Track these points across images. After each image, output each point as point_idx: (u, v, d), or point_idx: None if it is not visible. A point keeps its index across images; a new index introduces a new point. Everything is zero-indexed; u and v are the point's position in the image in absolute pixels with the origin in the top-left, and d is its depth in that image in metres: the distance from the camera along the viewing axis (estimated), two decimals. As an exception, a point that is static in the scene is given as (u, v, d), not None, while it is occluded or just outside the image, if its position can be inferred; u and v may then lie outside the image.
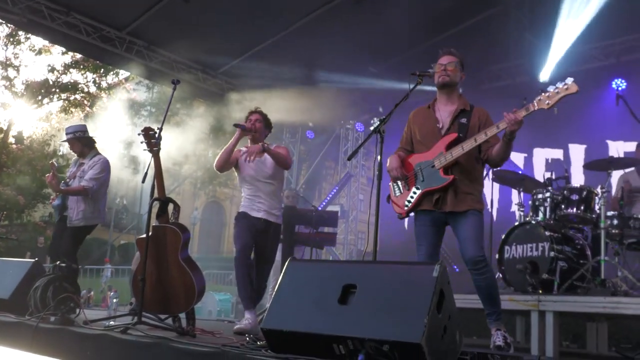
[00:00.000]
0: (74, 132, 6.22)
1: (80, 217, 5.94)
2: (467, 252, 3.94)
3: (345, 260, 10.01)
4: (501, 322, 4.00)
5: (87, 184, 5.92)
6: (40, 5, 8.88)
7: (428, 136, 4.19)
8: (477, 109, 4.15)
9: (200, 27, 9.48)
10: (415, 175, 4.13)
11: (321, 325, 2.84)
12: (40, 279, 4.97)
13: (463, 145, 3.92)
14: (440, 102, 4.23)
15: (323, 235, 8.27)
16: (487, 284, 3.96)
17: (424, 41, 9.10)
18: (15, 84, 20.49)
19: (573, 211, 5.55)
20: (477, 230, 3.97)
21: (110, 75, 20.98)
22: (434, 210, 4.05)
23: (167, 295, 4.26)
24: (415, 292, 2.73)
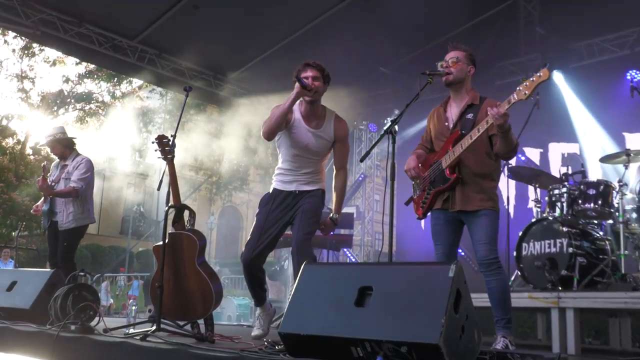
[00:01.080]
0: (54, 134, 6.22)
1: (70, 219, 5.97)
2: (479, 254, 3.89)
3: (360, 263, 9.99)
4: (509, 331, 3.89)
5: (76, 184, 5.95)
6: (53, 18, 8.99)
7: (439, 135, 4.16)
8: (487, 101, 4.02)
9: (211, 33, 9.55)
10: (430, 176, 4.12)
11: (338, 328, 2.83)
12: (60, 288, 5.01)
13: (462, 143, 3.87)
14: (451, 100, 4.19)
15: (339, 238, 8.27)
16: (499, 286, 3.89)
17: (434, 39, 9.08)
18: (31, 96, 20.79)
19: (591, 206, 5.50)
20: (490, 231, 3.90)
21: (124, 84, 21.17)
22: (446, 209, 4.03)
23: (185, 302, 4.27)
24: (432, 293, 2.71)
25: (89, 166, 6.10)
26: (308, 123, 4.46)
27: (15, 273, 6.37)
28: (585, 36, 8.82)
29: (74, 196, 5.97)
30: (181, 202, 4.50)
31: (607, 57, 8.80)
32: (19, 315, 5.14)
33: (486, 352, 2.87)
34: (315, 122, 4.47)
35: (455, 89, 4.12)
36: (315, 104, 4.46)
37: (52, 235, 6.14)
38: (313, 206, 4.44)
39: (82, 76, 21.06)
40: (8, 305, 5.36)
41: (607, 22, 8.35)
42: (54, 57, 20.24)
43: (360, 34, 9.18)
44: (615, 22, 8.38)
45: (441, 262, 3.87)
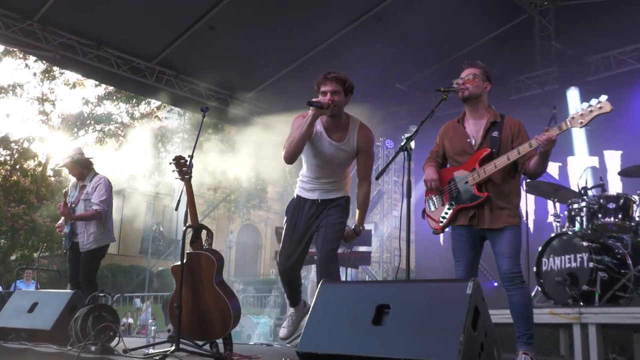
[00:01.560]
0: (71, 155, 6.24)
1: (91, 240, 6.00)
2: (502, 268, 3.87)
3: (377, 281, 9.96)
4: (531, 347, 3.83)
5: (99, 207, 5.97)
6: (73, 41, 9.16)
7: (460, 151, 4.14)
8: (507, 119, 4.07)
9: (227, 53, 9.65)
10: (450, 190, 4.10)
11: (356, 346, 2.83)
12: (81, 309, 5.05)
13: (496, 163, 3.86)
14: (468, 116, 4.18)
15: (358, 255, 8.25)
16: (522, 300, 3.86)
17: (449, 55, 9.10)
18: (51, 118, 21.10)
19: (611, 220, 5.44)
20: (514, 246, 3.89)
21: (142, 105, 21.42)
22: (471, 226, 4.01)
23: (203, 321, 4.29)
24: (450, 310, 2.70)
25: (108, 186, 6.13)
26: (330, 135, 4.30)
27: (36, 294, 6.44)
28: (601, 49, 8.76)
29: (98, 218, 6.00)
30: (199, 221, 4.54)
31: (624, 69, 8.74)
32: (40, 336, 5.20)
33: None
34: (339, 134, 4.30)
35: (471, 105, 4.12)
36: (337, 116, 4.28)
37: (74, 257, 6.17)
38: (336, 218, 4.33)
39: (101, 98, 21.37)
40: (29, 326, 5.42)
41: (623, 35, 8.30)
42: (74, 79, 20.57)
43: (375, 51, 9.22)
44: (632, 34, 8.33)
45: (459, 279, 3.84)
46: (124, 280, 25.00)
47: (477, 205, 3.95)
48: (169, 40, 9.46)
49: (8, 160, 20.15)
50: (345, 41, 9.16)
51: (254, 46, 9.42)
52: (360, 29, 8.98)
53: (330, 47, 9.37)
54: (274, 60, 9.92)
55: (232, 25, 8.97)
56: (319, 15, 8.75)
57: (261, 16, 8.80)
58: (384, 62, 9.44)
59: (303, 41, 9.54)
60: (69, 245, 6.20)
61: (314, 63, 9.64)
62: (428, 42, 8.99)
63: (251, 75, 10.39)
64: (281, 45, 9.46)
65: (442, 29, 8.80)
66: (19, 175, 19.68)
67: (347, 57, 9.22)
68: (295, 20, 8.97)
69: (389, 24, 8.81)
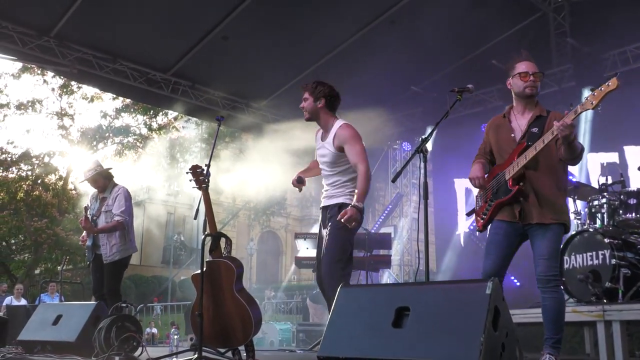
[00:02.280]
0: (94, 167, 6.26)
1: (114, 251, 6.04)
2: (538, 269, 3.78)
3: (396, 283, 9.94)
4: (558, 350, 3.76)
5: (121, 218, 6.00)
6: (89, 56, 9.29)
7: (504, 147, 4.05)
8: (553, 113, 3.94)
9: (241, 62, 9.72)
10: (492, 187, 4.05)
11: (377, 349, 2.83)
12: (104, 320, 5.10)
13: (526, 154, 3.78)
14: (516, 111, 4.08)
15: (377, 258, 8.24)
16: (555, 304, 3.78)
17: (463, 56, 9.09)
18: (71, 132, 21.33)
19: (632, 215, 5.37)
20: (553, 248, 3.81)
21: (160, 116, 21.57)
22: (514, 222, 3.90)
23: (225, 329, 4.31)
24: (470, 311, 2.69)
25: (127, 196, 6.17)
26: (322, 136, 4.60)
27: (60, 307, 6.51)
28: (617, 44, 8.70)
29: (120, 229, 6.05)
30: (217, 229, 4.57)
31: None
32: (65, 348, 5.26)
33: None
34: (326, 134, 4.55)
35: (528, 102, 4.02)
36: (318, 119, 4.58)
37: (97, 268, 6.22)
38: (332, 229, 4.32)
39: (119, 111, 21.56)
40: (54, 339, 5.48)
41: (638, 29, 8.22)
42: (92, 93, 20.78)
43: (389, 54, 9.24)
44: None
45: (478, 280, 3.81)
46: (146, 290, 25.20)
47: (511, 199, 3.85)
48: (183, 51, 9.55)
49: (30, 175, 20.40)
50: (358, 46, 9.20)
51: (267, 54, 9.49)
52: (372, 33, 9.00)
53: (343, 52, 9.40)
54: (288, 67, 9.98)
55: (244, 34, 9.04)
56: (330, 21, 8.79)
57: (273, 25, 8.87)
58: (398, 65, 9.45)
59: (316, 48, 9.58)
60: (92, 258, 6.24)
61: (328, 68, 9.67)
62: (441, 43, 8.98)
63: (265, 82, 10.45)
64: (295, 52, 9.52)
65: (455, 29, 8.79)
66: (40, 190, 19.92)
67: (361, 62, 9.26)
68: (307, 28, 9.02)
69: (401, 27, 8.82)
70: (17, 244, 20.95)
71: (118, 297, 5.89)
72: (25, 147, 20.55)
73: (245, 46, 9.31)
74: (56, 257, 18.92)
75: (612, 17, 8.23)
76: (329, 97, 4.58)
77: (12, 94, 23.03)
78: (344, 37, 9.28)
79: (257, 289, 23.44)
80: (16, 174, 20.29)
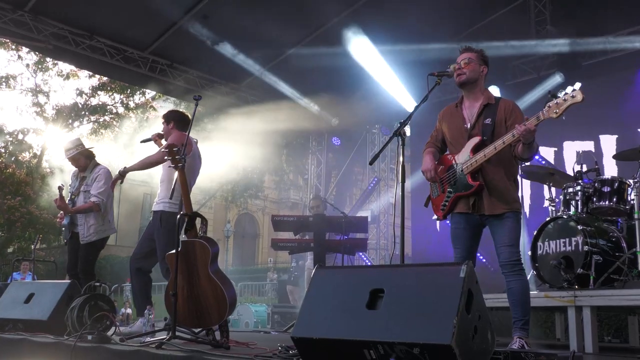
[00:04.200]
0: (75, 146, 6.24)
1: (92, 232, 5.99)
2: (502, 256, 3.92)
3: (371, 265, 9.98)
4: (526, 332, 3.89)
5: (97, 199, 5.96)
6: (64, 31, 9.11)
7: (457, 136, 4.16)
8: (502, 101, 4.08)
9: (220, 42, 9.60)
10: (448, 178, 4.11)
11: (351, 331, 2.84)
12: (77, 299, 5.06)
13: (485, 152, 3.90)
14: (466, 100, 4.19)
15: (354, 242, 8.24)
16: (520, 287, 3.91)
17: (445, 41, 9.08)
18: (45, 110, 21.01)
19: (605, 203, 5.45)
20: (514, 235, 3.94)
21: (137, 95, 21.32)
22: (470, 213, 4.03)
23: (199, 309, 4.30)
24: (443, 294, 2.71)
25: (107, 177, 6.11)
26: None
27: (32, 285, 6.44)
28: (597, 33, 8.76)
29: (96, 210, 5.99)
30: (192, 210, 4.54)
31: (619, 53, 8.73)
32: (37, 326, 5.21)
33: (500, 352, 2.86)
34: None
35: (468, 89, 4.14)
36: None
37: (73, 248, 6.17)
38: None
39: (95, 89, 21.26)
40: (26, 317, 5.43)
41: (618, 18, 8.29)
42: (67, 70, 20.47)
43: (371, 38, 9.21)
44: (626, 17, 8.32)
45: (452, 263, 3.85)
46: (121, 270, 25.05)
47: (472, 194, 3.97)
48: (161, 29, 9.41)
49: (3, 152, 20.10)
50: (342, 26, 9.12)
51: (247, 36, 9.38)
52: (355, 16, 8.94)
53: (322, 35, 9.33)
54: (267, 49, 9.88)
55: (225, 14, 8.92)
56: (312, 2, 8.69)
57: (253, 4, 8.76)
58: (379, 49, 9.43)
59: (296, 30, 9.51)
60: (69, 236, 6.20)
61: (307, 51, 9.62)
62: (423, 28, 8.97)
63: (245, 64, 10.35)
64: (273, 35, 9.42)
65: (438, 15, 8.80)
66: (14, 168, 19.64)
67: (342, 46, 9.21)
68: (289, 8, 8.93)
69: (384, 10, 8.78)
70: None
71: (91, 277, 5.86)
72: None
73: (225, 27, 9.20)
74: (29, 235, 18.72)
75: (592, 7, 8.29)
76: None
77: (-15, 69, 22.58)
78: (324, 20, 9.21)
79: (233, 271, 23.42)
80: (-12, 152, 20.01)
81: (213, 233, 7.27)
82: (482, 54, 4.15)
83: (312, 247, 8.16)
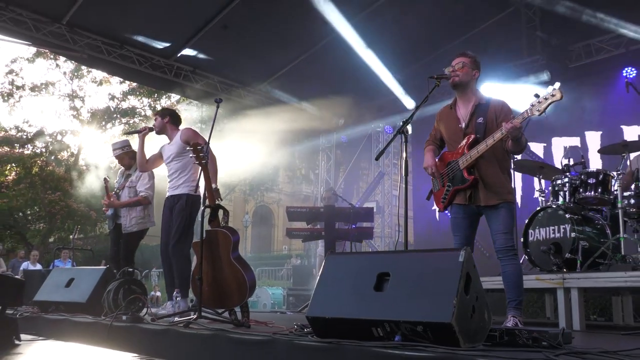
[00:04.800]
0: (121, 147, 6.35)
1: (133, 223, 6.04)
2: (498, 242, 3.93)
3: (378, 251, 9.98)
4: (519, 312, 3.90)
5: (145, 193, 6.03)
6: (98, 42, 9.14)
7: (453, 136, 4.16)
8: (493, 101, 4.09)
9: (239, 49, 9.61)
10: (447, 173, 4.11)
11: (360, 311, 2.85)
12: (112, 283, 5.11)
13: (478, 149, 3.91)
14: (459, 101, 4.20)
15: (361, 230, 8.27)
16: (514, 270, 3.92)
17: (443, 46, 9.04)
18: (81, 113, 21.10)
19: (591, 194, 5.42)
20: (508, 223, 3.94)
21: (163, 99, 21.36)
22: (467, 204, 4.03)
23: (222, 292, 4.33)
24: (444, 277, 2.72)
25: (152, 175, 6.19)
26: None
27: (72, 271, 6.52)
28: (582, 37, 8.68)
29: (145, 203, 6.06)
30: (215, 202, 4.56)
31: (604, 56, 8.65)
32: (77, 308, 5.27)
33: (496, 330, 2.86)
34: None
35: (461, 91, 4.14)
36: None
37: (115, 237, 6.26)
38: None
39: (125, 93, 21.31)
40: (67, 300, 5.50)
41: (601, 24, 8.20)
42: (100, 77, 20.53)
43: (373, 44, 9.18)
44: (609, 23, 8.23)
45: (452, 249, 3.85)
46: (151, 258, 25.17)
47: (468, 187, 3.97)
48: (185, 38, 9.42)
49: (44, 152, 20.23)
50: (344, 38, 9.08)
51: (264, 43, 9.38)
52: (359, 24, 8.90)
53: (333, 41, 9.30)
54: (282, 54, 9.88)
55: (243, 23, 8.92)
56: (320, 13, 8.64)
57: (269, 15, 8.75)
58: (381, 54, 9.40)
59: (308, 36, 9.48)
60: (113, 227, 6.30)
61: (318, 56, 9.62)
62: (422, 34, 8.94)
63: (261, 69, 10.35)
64: (289, 40, 9.41)
65: (434, 22, 8.75)
66: (54, 165, 19.77)
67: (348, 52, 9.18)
68: (300, 18, 8.89)
69: (384, 18, 8.73)
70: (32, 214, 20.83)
71: (131, 263, 5.91)
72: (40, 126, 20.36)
73: (243, 35, 9.19)
74: (68, 226, 18.88)
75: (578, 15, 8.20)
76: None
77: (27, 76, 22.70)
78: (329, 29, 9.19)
79: (251, 258, 23.46)
80: (31, 151, 20.13)
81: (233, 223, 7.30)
82: (474, 59, 4.15)
83: (323, 235, 8.18)
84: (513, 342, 2.79)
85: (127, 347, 3.97)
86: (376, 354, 2.54)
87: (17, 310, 5.36)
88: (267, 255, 29.32)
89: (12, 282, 4.78)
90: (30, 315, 5.32)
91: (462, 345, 2.53)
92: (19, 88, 19.97)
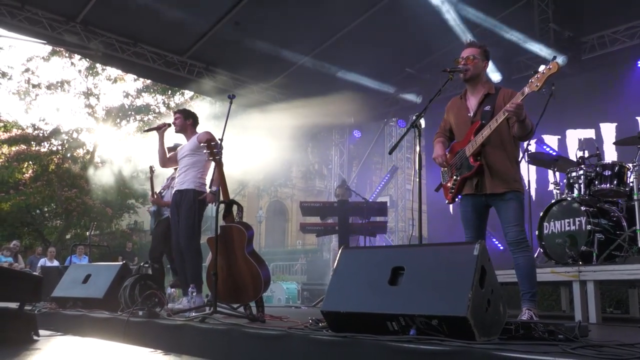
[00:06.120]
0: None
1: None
2: (509, 235, 3.88)
3: (392, 245, 9.95)
4: (534, 304, 3.85)
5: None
6: (112, 40, 9.20)
7: (462, 125, 4.13)
8: (502, 90, 4.04)
9: (251, 45, 9.61)
10: (455, 163, 4.09)
11: (375, 305, 2.84)
12: (128, 279, 5.14)
13: (482, 133, 3.86)
14: (469, 92, 4.17)
15: (374, 224, 8.25)
16: (526, 262, 3.87)
17: (454, 39, 8.96)
18: (96, 110, 21.21)
19: (607, 186, 5.36)
20: (518, 213, 3.88)
21: (177, 96, 21.42)
22: (475, 194, 3.98)
23: (237, 287, 4.34)
24: (459, 270, 2.70)
25: None
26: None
27: (89, 267, 6.57)
28: (596, 29, 8.57)
29: None
30: (230, 198, 4.57)
31: (618, 47, 8.53)
32: (94, 304, 5.31)
33: (511, 323, 2.83)
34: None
35: (472, 84, 4.10)
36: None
37: (157, 234, 6.37)
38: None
39: (140, 91, 21.39)
40: (84, 295, 5.54)
41: (616, 15, 8.09)
42: (115, 74, 20.63)
43: (386, 39, 9.14)
44: (624, 14, 8.12)
45: (466, 242, 3.83)
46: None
47: (475, 174, 3.93)
48: (198, 35, 9.45)
49: (60, 149, 20.37)
50: (358, 31, 9.06)
51: (275, 39, 9.38)
52: (371, 19, 8.87)
53: (344, 37, 9.28)
54: (294, 50, 9.87)
55: (254, 20, 8.93)
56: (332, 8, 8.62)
57: (280, 12, 8.75)
58: (394, 48, 9.36)
59: (320, 32, 9.47)
60: (155, 224, 6.44)
61: (330, 52, 9.60)
62: (435, 28, 8.86)
63: (273, 65, 10.35)
64: (300, 36, 9.41)
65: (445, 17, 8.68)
66: (70, 163, 19.91)
67: (361, 46, 9.15)
68: (312, 14, 8.87)
69: (397, 13, 8.68)
70: (49, 211, 21.00)
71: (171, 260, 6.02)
72: (56, 124, 20.49)
73: (255, 32, 9.20)
74: (85, 223, 19.00)
75: (592, 4, 8.10)
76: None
77: (42, 75, 22.83)
78: (345, 22, 9.15)
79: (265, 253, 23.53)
80: (48, 148, 20.25)
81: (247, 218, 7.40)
82: (484, 49, 4.11)
83: (336, 230, 8.18)
84: (529, 336, 2.76)
85: (144, 342, 4.00)
86: (392, 348, 2.53)
87: (36, 306, 5.41)
88: (281, 250, 29.37)
89: (30, 278, 4.83)
90: (48, 311, 5.37)
91: (478, 339, 2.51)
92: (35, 86, 20.12)
